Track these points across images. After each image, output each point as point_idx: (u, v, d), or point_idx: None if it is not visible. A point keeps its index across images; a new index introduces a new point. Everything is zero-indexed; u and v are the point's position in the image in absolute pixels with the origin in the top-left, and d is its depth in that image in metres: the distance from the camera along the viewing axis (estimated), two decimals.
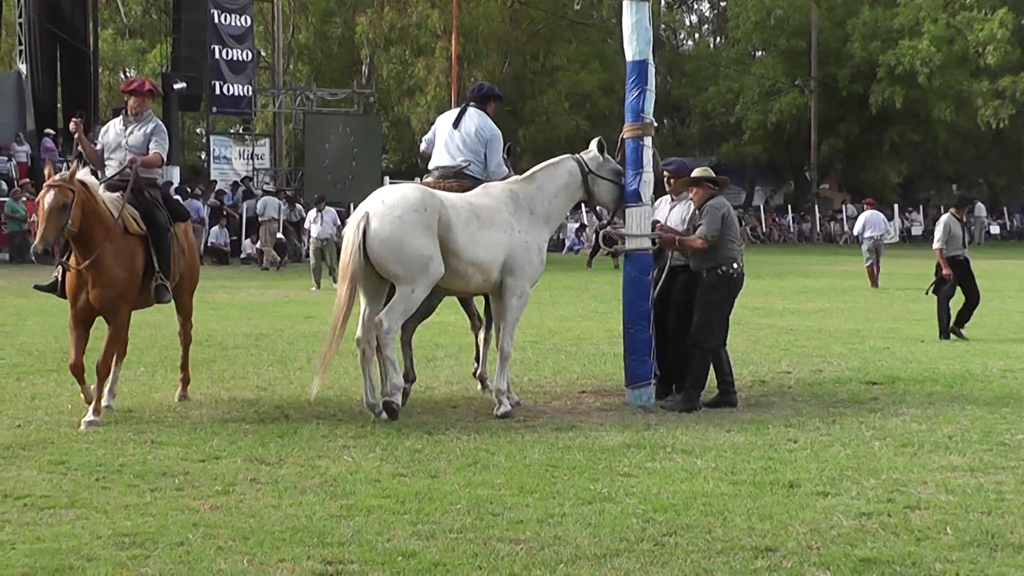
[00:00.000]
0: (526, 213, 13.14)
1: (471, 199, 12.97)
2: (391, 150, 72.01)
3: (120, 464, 10.17)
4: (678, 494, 9.28)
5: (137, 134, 12.88)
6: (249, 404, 13.07)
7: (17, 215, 38.41)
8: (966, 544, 8.00)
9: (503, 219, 12.94)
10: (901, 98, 67.75)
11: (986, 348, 18.64)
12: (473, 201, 12.94)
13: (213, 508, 8.84)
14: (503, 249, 12.86)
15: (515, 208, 13.10)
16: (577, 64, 68.05)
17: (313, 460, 10.43)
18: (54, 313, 22.80)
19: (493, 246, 12.80)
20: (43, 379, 14.79)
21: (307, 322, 22.01)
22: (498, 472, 10.01)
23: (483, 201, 13.00)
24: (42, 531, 8.20)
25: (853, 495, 9.30)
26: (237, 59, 51.01)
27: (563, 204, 13.63)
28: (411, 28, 63.37)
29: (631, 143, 13.48)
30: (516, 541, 8.03)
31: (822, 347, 18.67)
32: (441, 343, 17.65)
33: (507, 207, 13.05)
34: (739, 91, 74.27)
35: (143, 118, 12.95)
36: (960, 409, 13.09)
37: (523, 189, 13.29)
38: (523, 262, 13.01)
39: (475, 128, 13.57)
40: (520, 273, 13.00)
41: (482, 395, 13.84)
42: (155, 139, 12.92)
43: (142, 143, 12.85)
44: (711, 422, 12.35)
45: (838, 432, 11.77)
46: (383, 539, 8.04)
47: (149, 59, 68.22)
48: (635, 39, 13.54)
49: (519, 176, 13.57)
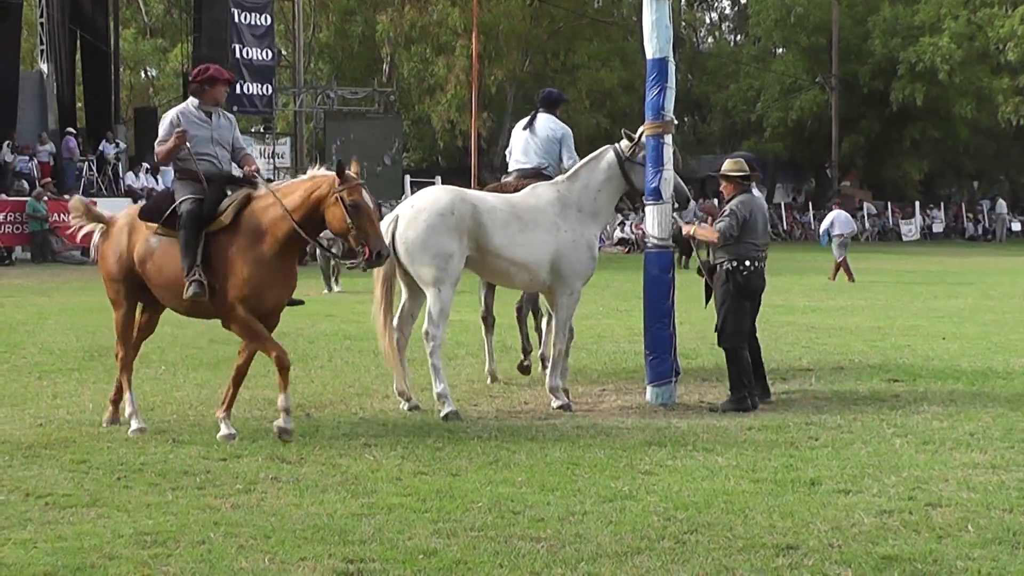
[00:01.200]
0: (573, 211, 13.38)
1: (515, 201, 13.36)
2: (412, 149, 72.02)
3: (141, 463, 10.20)
4: (699, 492, 9.28)
5: (221, 127, 12.13)
6: (270, 403, 13.07)
7: (39, 215, 38.50)
8: (987, 542, 7.98)
9: (547, 219, 13.22)
10: (922, 95, 67.59)
11: (1008, 345, 18.58)
12: (517, 203, 13.31)
13: (234, 507, 8.85)
14: (548, 249, 13.13)
15: (561, 208, 13.34)
16: (598, 62, 67.99)
17: (334, 458, 10.44)
18: (75, 312, 22.89)
19: (536, 246, 13.08)
20: (64, 378, 14.84)
21: (328, 321, 22.03)
22: (519, 470, 10.01)
23: (528, 202, 13.36)
24: (64, 530, 8.22)
25: (874, 493, 9.28)
26: (258, 58, 51.03)
27: (608, 197, 13.73)
28: (432, 26, 63.41)
29: (651, 141, 13.46)
30: (537, 539, 8.03)
31: (843, 344, 18.63)
32: (462, 341, 17.65)
33: (552, 207, 13.31)
34: (760, 88, 74.19)
35: (217, 109, 12.27)
36: (982, 406, 13.05)
37: (568, 187, 13.50)
38: (572, 260, 13.26)
39: (548, 131, 14.72)
40: (569, 271, 13.26)
41: (503, 392, 13.90)
42: (238, 135, 12.50)
43: (228, 138, 12.17)
44: (732, 420, 12.34)
45: (859, 430, 11.76)
46: (404, 537, 8.05)
47: (170, 58, 68.42)
48: (655, 37, 13.53)
49: (563, 175, 13.77)
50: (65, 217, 38.89)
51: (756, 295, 13.47)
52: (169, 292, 11.71)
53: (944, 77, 66.69)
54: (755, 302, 13.53)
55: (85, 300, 25.76)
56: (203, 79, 12.00)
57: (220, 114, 12.13)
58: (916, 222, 71.41)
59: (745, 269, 13.21)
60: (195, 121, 11.87)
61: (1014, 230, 74.54)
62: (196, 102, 11.99)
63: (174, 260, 11.51)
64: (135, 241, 11.92)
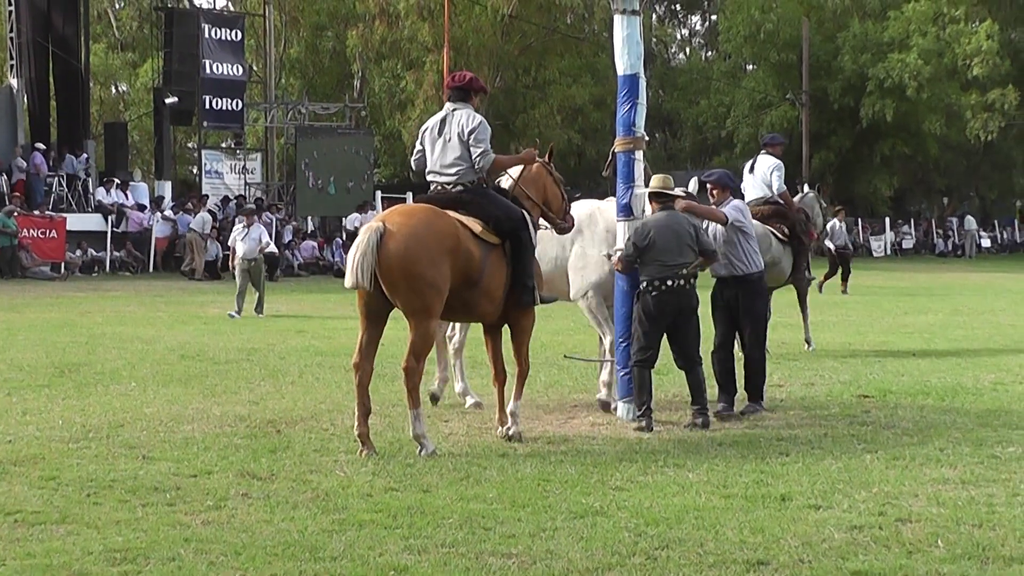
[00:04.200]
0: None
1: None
2: (383, 164, 71.95)
3: (111, 479, 10.16)
4: (670, 507, 9.29)
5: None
6: (241, 419, 13.06)
7: (8, 230, 38.30)
8: (957, 557, 8.01)
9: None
10: (891, 111, 67.83)
11: (977, 361, 18.65)
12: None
13: (205, 523, 8.83)
14: (559, 263, 14.23)
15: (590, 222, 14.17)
16: (569, 78, 68.02)
17: (305, 475, 10.42)
18: (45, 328, 22.81)
19: (547, 261, 13.91)
20: (34, 394, 14.77)
21: (299, 336, 22.01)
22: (490, 486, 10.01)
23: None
24: (33, 547, 8.18)
25: (845, 508, 9.31)
26: (229, 73, 50.95)
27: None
28: (402, 42, 63.37)
29: (622, 157, 13.49)
30: (508, 555, 8.03)
31: (814, 360, 18.69)
32: (434, 358, 17.59)
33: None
34: (730, 104, 74.37)
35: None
36: (952, 422, 13.10)
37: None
38: (576, 272, 14.23)
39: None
40: (577, 281, 14.22)
41: (474, 411, 13.92)
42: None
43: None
44: (703, 435, 12.36)
45: (830, 445, 11.78)
46: (375, 554, 8.04)
47: (140, 73, 68.20)
48: (626, 53, 13.55)
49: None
50: (35, 232, 39.15)
51: (675, 314, 12.98)
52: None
53: (913, 93, 66.93)
54: (687, 320, 13.03)
55: (55, 316, 25.69)
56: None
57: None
58: (886, 238, 71.60)
59: (654, 289, 12.88)
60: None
61: (984, 246, 74.86)
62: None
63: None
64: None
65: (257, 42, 62.34)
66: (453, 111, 12.17)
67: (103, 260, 42.35)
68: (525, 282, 12.05)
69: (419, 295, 11.29)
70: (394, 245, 11.16)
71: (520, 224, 12.12)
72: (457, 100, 12.26)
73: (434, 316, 11.56)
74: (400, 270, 11.17)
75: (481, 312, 12.13)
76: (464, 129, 11.99)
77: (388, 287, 11.27)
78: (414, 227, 11.36)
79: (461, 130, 12.00)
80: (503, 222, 11.99)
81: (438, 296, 11.37)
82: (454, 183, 12.05)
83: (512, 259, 12.02)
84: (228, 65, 50.81)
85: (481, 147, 11.93)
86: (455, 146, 12.00)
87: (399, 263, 11.15)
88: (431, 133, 12.21)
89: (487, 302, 11.95)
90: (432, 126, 12.25)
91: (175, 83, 49.39)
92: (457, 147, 12.01)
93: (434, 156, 12.15)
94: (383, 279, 11.22)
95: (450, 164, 12.04)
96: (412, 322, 11.43)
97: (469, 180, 12.04)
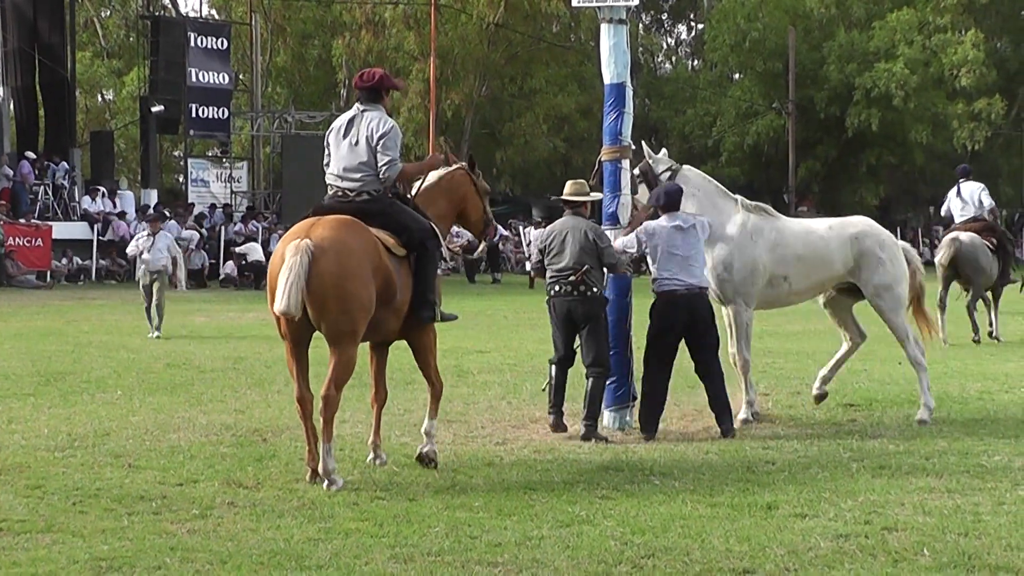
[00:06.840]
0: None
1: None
2: None
3: (97, 488, 10.14)
4: (656, 516, 9.29)
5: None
6: (227, 427, 13.05)
7: None
8: (943, 566, 8.02)
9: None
10: (877, 120, 67.86)
11: (964, 370, 18.65)
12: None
13: (191, 532, 8.82)
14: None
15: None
16: (555, 87, 68.00)
17: (291, 483, 10.42)
18: (31, 337, 22.77)
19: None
20: (20, 403, 14.75)
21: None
22: (476, 495, 10.01)
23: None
24: (18, 556, 8.17)
25: (831, 517, 9.31)
26: (215, 82, 50.97)
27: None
28: (388, 51, 63.34)
29: (609, 166, 13.52)
30: (494, 564, 8.03)
31: (800, 369, 18.70)
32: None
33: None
34: (717, 113, 74.34)
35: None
36: (938, 431, 13.12)
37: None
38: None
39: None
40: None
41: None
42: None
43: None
44: (689, 444, 12.37)
45: (816, 454, 11.80)
46: (361, 562, 8.03)
47: (126, 81, 68.14)
48: (613, 62, 13.57)
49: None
50: (20, 241, 39.11)
51: (569, 318, 13.05)
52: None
53: (899, 103, 66.97)
54: (589, 326, 12.99)
55: (40, 324, 25.66)
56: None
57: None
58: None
59: (556, 294, 13.05)
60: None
61: None
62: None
63: None
64: None
65: (243, 51, 62.31)
66: (363, 112, 11.31)
67: (89, 268, 42.33)
68: (428, 297, 11.20)
69: (349, 317, 10.47)
70: (326, 263, 10.31)
71: (428, 235, 11.31)
72: (367, 101, 11.38)
73: (358, 340, 10.78)
74: (333, 289, 10.33)
75: (387, 331, 11.24)
76: (373, 133, 11.14)
77: (316, 309, 10.40)
78: (345, 242, 10.51)
79: (370, 134, 11.15)
80: (414, 234, 11.18)
81: (366, 318, 10.60)
82: (358, 190, 11.19)
83: (416, 272, 11.20)
84: (214, 74, 50.87)
85: (389, 155, 11.12)
86: (362, 151, 11.16)
87: (333, 282, 10.32)
88: (336, 135, 11.37)
89: (395, 320, 11.10)
90: (339, 127, 11.40)
91: (161, 91, 49.42)
92: (364, 152, 11.16)
93: (337, 158, 11.33)
94: (311, 301, 10.33)
95: (354, 169, 11.20)
96: (336, 348, 10.58)
97: (374, 188, 11.21)
